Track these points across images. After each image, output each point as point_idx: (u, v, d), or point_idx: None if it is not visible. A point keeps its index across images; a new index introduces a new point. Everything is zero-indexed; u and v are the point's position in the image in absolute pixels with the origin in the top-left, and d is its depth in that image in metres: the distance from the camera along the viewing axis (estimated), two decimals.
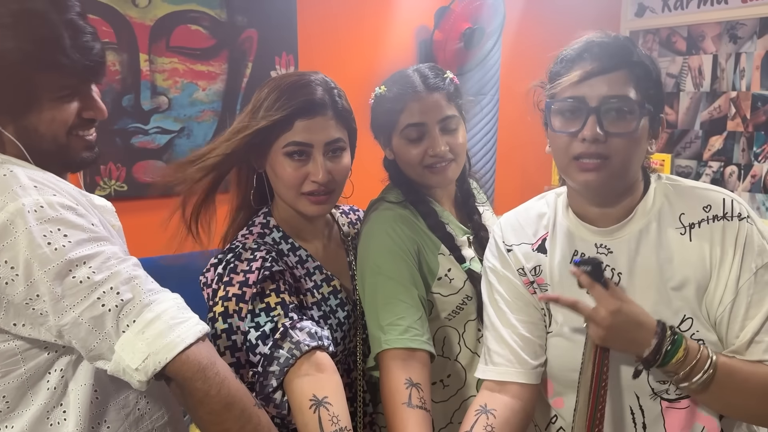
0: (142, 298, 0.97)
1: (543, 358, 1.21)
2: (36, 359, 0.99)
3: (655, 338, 1.03)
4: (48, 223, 0.93)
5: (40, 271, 0.91)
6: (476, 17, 2.89)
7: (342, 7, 2.83)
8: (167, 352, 0.94)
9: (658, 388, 1.11)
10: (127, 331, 0.95)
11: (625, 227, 1.14)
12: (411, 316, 1.24)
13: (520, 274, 1.22)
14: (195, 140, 2.49)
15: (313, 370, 1.09)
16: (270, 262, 1.18)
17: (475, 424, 1.14)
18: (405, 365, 1.19)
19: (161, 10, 2.35)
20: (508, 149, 3.26)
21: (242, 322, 1.14)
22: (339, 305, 1.31)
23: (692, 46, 3.63)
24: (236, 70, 2.56)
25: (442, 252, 1.37)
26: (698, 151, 3.64)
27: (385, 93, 1.38)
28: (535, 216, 1.26)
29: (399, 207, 1.38)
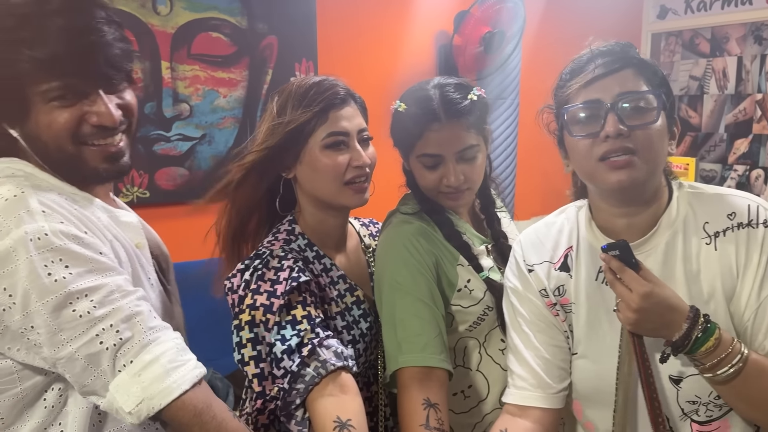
0: (142, 338, 0.94)
1: (567, 381, 1.18)
2: (32, 380, 0.97)
3: (686, 323, 1.00)
4: (50, 253, 0.90)
5: (38, 303, 0.89)
6: (496, 21, 2.88)
7: (361, 13, 2.84)
8: (162, 397, 0.92)
9: (688, 408, 1.08)
10: (123, 371, 0.92)
11: (651, 240, 1.11)
12: (428, 333, 1.21)
13: (542, 295, 1.20)
14: (216, 147, 2.51)
15: (338, 391, 1.09)
16: (297, 272, 1.18)
17: None
18: (422, 385, 1.16)
19: (182, 18, 2.38)
20: (529, 153, 3.24)
21: (268, 333, 1.13)
22: (362, 316, 1.30)
23: (716, 48, 3.58)
24: (257, 77, 2.58)
25: (460, 263, 1.33)
26: (723, 155, 3.59)
27: (403, 111, 1.31)
28: (555, 232, 1.23)
29: (415, 218, 1.35)
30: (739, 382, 1.01)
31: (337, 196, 1.26)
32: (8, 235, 0.89)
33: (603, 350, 1.13)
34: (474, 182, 1.33)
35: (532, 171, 3.35)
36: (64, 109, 0.98)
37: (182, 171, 2.45)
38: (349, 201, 1.28)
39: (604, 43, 1.11)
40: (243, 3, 2.51)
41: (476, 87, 1.34)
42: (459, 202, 1.35)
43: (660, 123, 1.05)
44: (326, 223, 1.32)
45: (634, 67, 1.06)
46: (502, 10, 2.88)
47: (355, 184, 1.26)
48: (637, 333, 1.06)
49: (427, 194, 1.36)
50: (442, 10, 3.04)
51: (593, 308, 1.14)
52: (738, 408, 1.05)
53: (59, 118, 0.98)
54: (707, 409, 1.07)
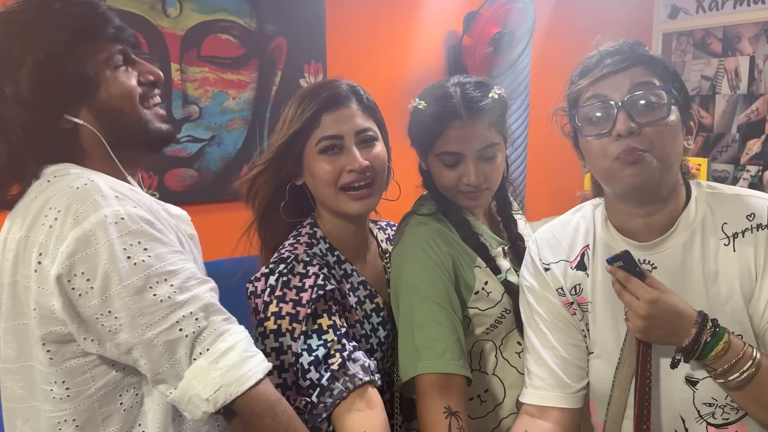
0: (217, 327, 0.94)
1: (585, 381, 1.18)
2: (105, 377, 0.96)
3: (695, 328, 1.00)
4: (128, 236, 0.90)
5: (119, 286, 0.89)
6: (505, 21, 2.87)
7: (370, 14, 2.84)
8: (239, 385, 0.92)
9: (704, 411, 1.07)
10: (200, 358, 0.92)
11: (668, 240, 1.10)
12: (447, 338, 1.19)
13: (559, 293, 1.19)
14: (225, 148, 2.51)
15: (364, 406, 1.09)
16: (323, 279, 1.17)
17: None
18: (443, 392, 1.15)
19: (192, 20, 2.38)
20: (539, 154, 3.23)
21: (294, 342, 1.13)
22: (380, 323, 1.29)
23: (728, 47, 3.56)
24: (266, 79, 2.58)
25: (478, 265, 1.32)
26: (735, 155, 3.56)
27: (423, 109, 1.30)
28: (572, 231, 1.22)
29: (432, 219, 1.34)
30: (752, 387, 1.00)
31: (335, 202, 1.24)
32: (86, 219, 0.89)
33: (619, 348, 1.12)
34: (493, 182, 1.31)
35: (543, 172, 3.34)
36: (127, 72, 1.03)
37: (191, 172, 2.45)
38: (348, 208, 1.24)
39: (612, 43, 1.10)
40: (252, 5, 2.51)
41: (496, 86, 1.32)
42: (478, 201, 1.33)
43: (673, 118, 1.03)
44: (344, 229, 1.30)
45: (644, 64, 1.04)
46: (511, 10, 2.87)
47: (353, 190, 1.23)
48: (646, 341, 1.05)
49: (445, 194, 1.34)
50: (451, 10, 3.04)
51: (609, 308, 1.13)
52: (753, 412, 1.04)
53: (129, 80, 1.03)
54: (723, 411, 1.06)
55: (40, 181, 0.98)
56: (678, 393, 1.08)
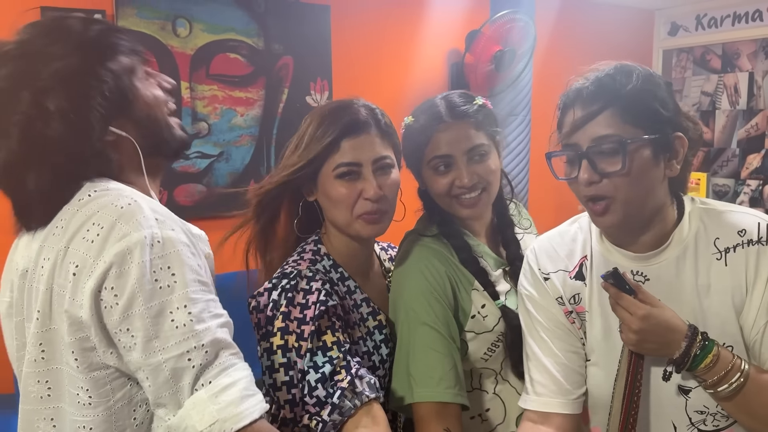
0: (223, 361, 0.95)
1: (584, 388, 1.21)
2: (123, 390, 0.98)
3: (685, 341, 1.04)
4: (161, 260, 0.92)
5: (142, 306, 0.91)
6: (507, 39, 2.92)
7: (374, 33, 2.90)
8: (235, 422, 0.93)
9: (696, 418, 1.11)
10: (201, 390, 0.93)
11: (662, 254, 1.13)
12: (443, 366, 1.21)
13: (558, 303, 1.21)
14: (233, 164, 2.56)
15: (370, 423, 1.11)
16: (325, 295, 1.18)
17: None
18: (440, 417, 1.18)
19: (201, 40, 2.45)
20: (541, 169, 3.23)
21: (300, 359, 1.14)
22: (383, 341, 1.30)
23: (727, 63, 3.60)
24: (273, 96, 2.64)
25: (475, 288, 1.33)
26: (736, 170, 3.59)
27: (412, 123, 1.34)
28: (569, 241, 1.25)
29: (432, 241, 1.35)
30: (741, 398, 1.04)
31: (349, 226, 1.26)
32: (125, 238, 0.91)
33: (614, 358, 1.15)
34: (488, 182, 1.31)
35: (545, 186, 3.36)
36: (150, 81, 1.08)
37: (200, 187, 2.50)
38: (361, 231, 1.26)
39: (597, 72, 1.10)
40: (259, 24, 2.58)
41: (481, 96, 1.36)
42: (476, 208, 1.32)
43: (638, 162, 1.05)
44: (351, 246, 1.31)
45: (615, 106, 1.05)
46: (512, 28, 2.92)
47: (367, 215, 1.25)
48: (639, 353, 1.09)
49: (442, 205, 1.35)
50: (453, 29, 3.10)
51: (606, 317, 1.16)
52: (742, 421, 1.08)
53: (155, 89, 1.08)
54: (714, 419, 1.09)
55: (80, 194, 1.00)
56: (670, 401, 1.12)
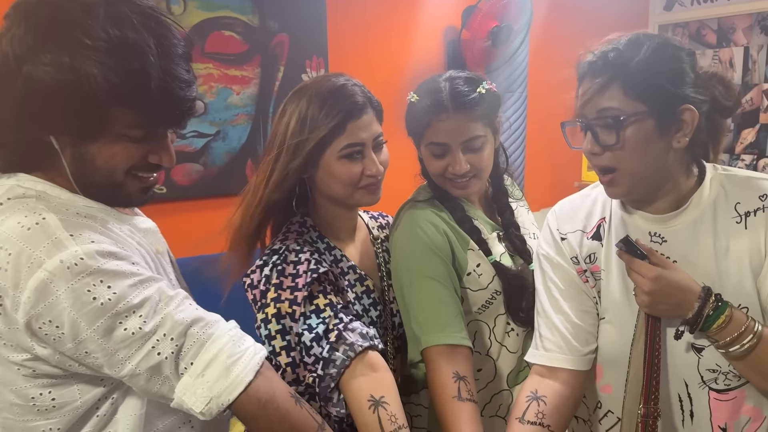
0: (197, 338, 0.95)
1: (594, 345, 1.24)
2: (92, 392, 0.97)
3: (698, 302, 1.07)
4: (90, 277, 0.87)
5: (88, 330, 0.88)
6: (503, 15, 2.91)
7: (370, 9, 2.88)
8: (229, 393, 0.94)
9: (707, 377, 1.14)
10: (186, 374, 0.94)
11: (680, 216, 1.16)
12: (448, 313, 1.27)
13: (573, 262, 1.25)
14: (230, 143, 2.56)
15: (368, 370, 1.15)
16: (315, 264, 1.23)
17: (527, 411, 1.18)
18: (450, 359, 1.23)
19: (196, 17, 2.43)
20: (537, 146, 3.28)
21: (295, 323, 1.19)
22: (371, 305, 1.35)
23: (722, 38, 3.60)
24: (269, 74, 2.62)
25: (471, 248, 1.39)
26: (730, 145, 3.61)
27: (416, 103, 1.38)
28: (590, 203, 1.29)
29: (427, 205, 1.41)
30: (753, 358, 1.07)
31: (351, 198, 1.32)
32: (41, 266, 0.86)
33: (628, 316, 1.18)
34: (480, 170, 1.37)
35: (541, 163, 3.39)
36: (136, 144, 0.95)
37: (197, 167, 2.50)
38: (363, 201, 1.33)
39: (608, 44, 1.12)
40: (254, 2, 2.55)
41: (486, 81, 1.38)
42: (467, 190, 1.40)
43: (634, 134, 1.07)
44: (339, 216, 1.37)
45: (622, 79, 1.07)
46: (509, 4, 2.91)
47: (368, 187, 1.31)
48: (653, 315, 1.12)
49: (436, 181, 1.42)
50: (450, 5, 3.08)
51: (621, 277, 1.19)
52: (753, 380, 1.12)
53: (126, 151, 0.95)
54: (726, 378, 1.13)
55: None
56: (683, 359, 1.15)
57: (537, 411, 1.17)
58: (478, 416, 1.19)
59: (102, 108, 0.89)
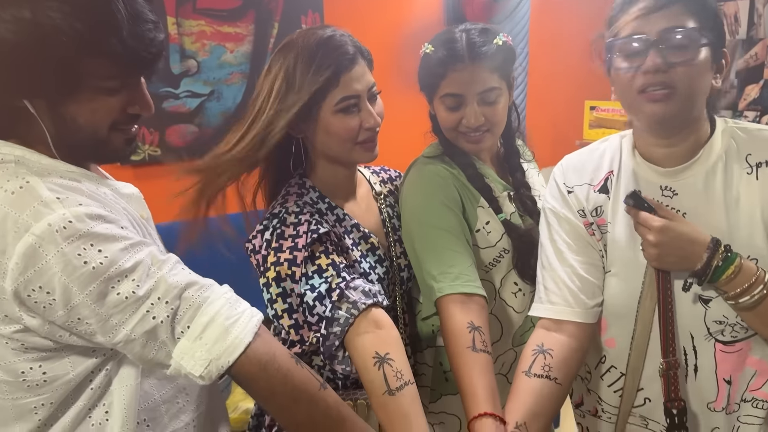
0: (192, 301, 0.93)
1: (600, 299, 1.23)
2: (85, 364, 0.95)
3: (707, 253, 1.06)
4: (80, 240, 0.85)
5: (80, 295, 0.86)
6: None
7: None
8: (228, 355, 0.93)
9: (714, 328, 1.13)
10: (183, 338, 0.92)
11: (691, 168, 1.15)
12: (461, 263, 1.26)
13: (580, 215, 1.24)
14: (225, 103, 2.51)
15: (372, 327, 1.14)
16: (315, 224, 1.21)
17: (533, 364, 1.17)
18: (464, 308, 1.22)
19: None
20: (539, 103, 3.22)
21: (296, 284, 1.17)
22: (378, 262, 1.34)
23: None
24: (263, 31, 2.56)
25: (481, 205, 1.38)
26: (733, 101, 3.55)
27: (431, 54, 1.36)
28: (597, 157, 1.27)
29: (438, 161, 1.40)
30: (762, 309, 1.06)
31: (349, 155, 1.29)
32: (29, 230, 0.83)
33: (634, 269, 1.17)
34: (494, 124, 1.36)
35: (542, 121, 3.34)
36: (114, 96, 0.93)
37: (192, 128, 2.46)
38: (361, 158, 1.31)
39: None
40: None
41: (503, 33, 1.37)
42: (480, 145, 1.38)
43: (702, 58, 1.07)
44: (337, 175, 1.35)
45: (683, 3, 1.07)
46: None
47: (366, 143, 1.28)
48: (662, 268, 1.12)
49: (448, 137, 1.40)
50: None
51: (628, 230, 1.18)
52: (761, 332, 1.11)
53: (106, 105, 0.93)
54: (733, 330, 1.12)
55: None
56: (690, 311, 1.14)
57: (543, 364, 1.16)
58: (492, 368, 1.18)
59: (73, 61, 0.86)
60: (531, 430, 1.12)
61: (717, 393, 1.15)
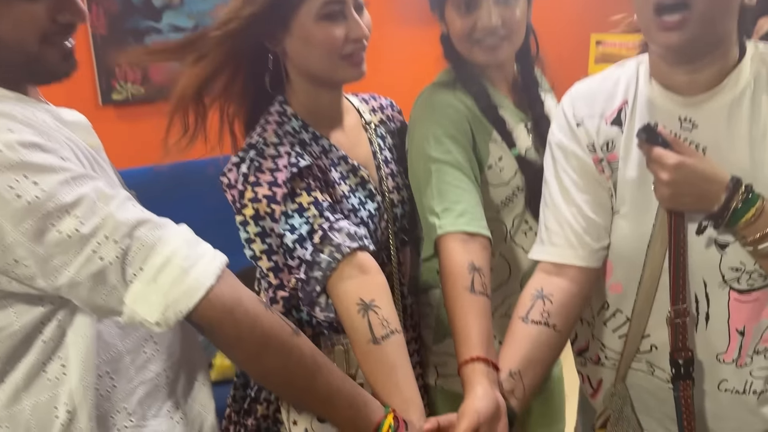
0: (145, 241, 0.84)
1: (607, 241, 1.15)
2: (31, 313, 0.86)
3: (725, 193, 0.99)
4: (11, 171, 0.77)
5: (14, 233, 0.78)
6: None
7: None
8: (187, 299, 0.84)
9: (729, 276, 1.06)
10: (135, 281, 0.83)
11: (715, 98, 1.04)
12: (467, 200, 1.19)
13: (589, 150, 1.14)
14: None
15: (357, 272, 1.08)
16: (296, 157, 1.13)
17: (531, 309, 1.12)
18: (466, 247, 1.16)
19: None
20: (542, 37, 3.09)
21: (276, 224, 1.10)
22: (368, 197, 1.26)
23: None
24: None
25: (494, 139, 1.30)
26: None
27: None
28: (611, 85, 1.16)
29: (450, 89, 1.31)
30: None
31: (333, 71, 1.18)
32: None
33: (645, 211, 1.10)
34: (512, 31, 1.27)
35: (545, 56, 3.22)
36: (33, 3, 0.85)
37: (176, 65, 2.35)
38: (347, 75, 1.20)
39: None
40: None
41: None
42: (496, 54, 1.28)
43: None
44: (321, 99, 1.24)
45: None
46: None
47: (352, 57, 1.17)
48: (675, 210, 1.04)
49: (461, 50, 1.30)
50: None
51: (640, 167, 1.10)
52: None
53: (28, 14, 0.85)
54: (750, 277, 1.05)
55: None
56: (704, 257, 1.07)
57: (542, 310, 1.11)
58: (489, 312, 1.13)
59: None
60: (525, 379, 1.07)
61: (728, 344, 1.08)
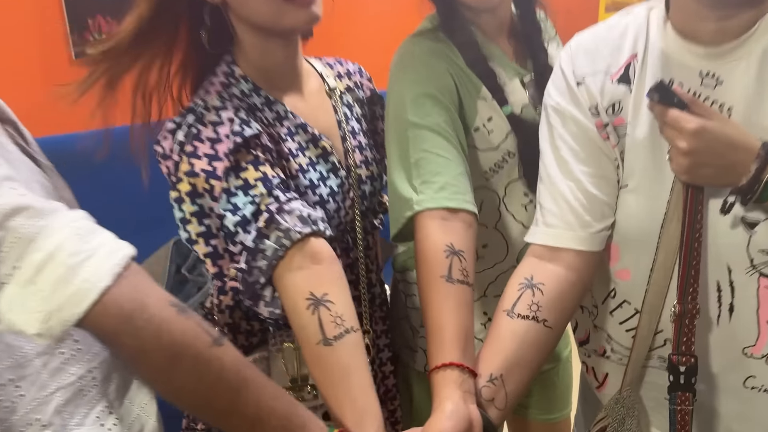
0: (22, 232, 0.68)
1: (610, 220, 1.01)
2: None
3: (755, 162, 0.84)
4: None
5: None
6: None
7: None
8: (74, 306, 0.69)
9: (759, 259, 0.92)
10: (10, 283, 0.68)
11: (743, 47, 0.89)
12: (450, 171, 1.04)
13: (592, 114, 0.99)
14: None
15: (308, 262, 0.94)
16: (240, 124, 0.99)
17: (518, 301, 0.97)
18: (445, 227, 1.00)
19: None
20: None
21: (215, 203, 0.97)
22: (330, 171, 1.13)
23: None
24: None
25: (482, 96, 1.14)
26: None
27: None
28: (617, 36, 1.01)
29: (431, 39, 1.14)
30: None
31: (278, 17, 1.02)
32: None
33: (659, 185, 0.96)
34: None
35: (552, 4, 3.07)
36: None
37: None
38: (295, 20, 1.03)
39: None
40: None
41: None
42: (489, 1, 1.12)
43: None
44: (272, 55, 1.09)
45: None
46: None
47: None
48: (695, 184, 0.90)
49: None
50: None
51: (654, 131, 0.95)
52: None
53: None
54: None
55: None
56: (728, 239, 0.93)
57: (531, 302, 0.97)
58: (470, 303, 0.99)
59: None
60: (508, 385, 0.93)
61: (758, 336, 0.95)
